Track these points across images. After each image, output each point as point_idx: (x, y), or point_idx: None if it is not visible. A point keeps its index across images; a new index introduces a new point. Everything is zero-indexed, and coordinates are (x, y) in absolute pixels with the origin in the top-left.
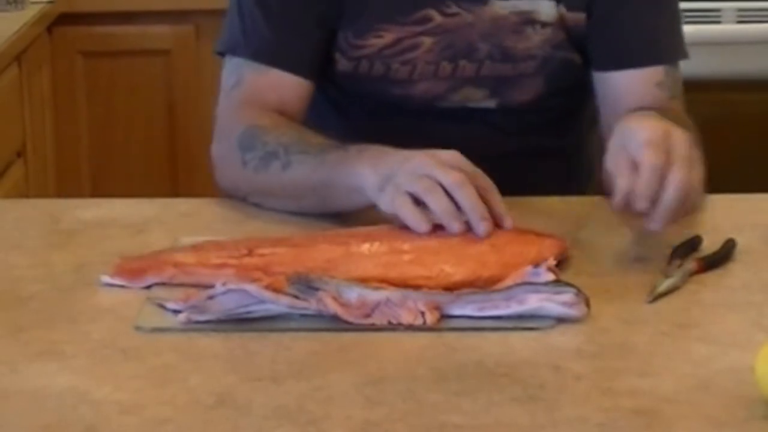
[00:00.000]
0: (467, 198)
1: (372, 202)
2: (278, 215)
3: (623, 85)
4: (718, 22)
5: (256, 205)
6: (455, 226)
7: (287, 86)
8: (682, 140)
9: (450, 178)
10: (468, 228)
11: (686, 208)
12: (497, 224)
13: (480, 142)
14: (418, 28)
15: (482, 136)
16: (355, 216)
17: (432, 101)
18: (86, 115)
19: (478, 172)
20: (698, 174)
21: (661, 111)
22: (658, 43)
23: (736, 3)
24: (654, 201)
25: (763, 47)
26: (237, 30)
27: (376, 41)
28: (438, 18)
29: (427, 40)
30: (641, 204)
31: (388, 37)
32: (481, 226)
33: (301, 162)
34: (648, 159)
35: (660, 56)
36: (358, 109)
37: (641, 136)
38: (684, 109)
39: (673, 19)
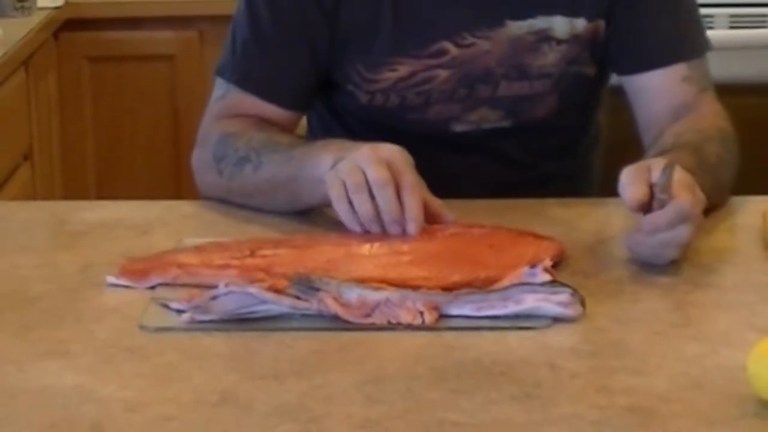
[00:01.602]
0: (383, 199)
1: None
2: (279, 217)
3: (651, 86)
4: (711, 28)
5: (256, 208)
6: (374, 228)
7: (269, 114)
8: (701, 199)
9: (374, 176)
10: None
11: (669, 256)
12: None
13: (490, 171)
14: (434, 62)
15: (492, 165)
16: None
17: (446, 122)
18: (92, 118)
19: (407, 171)
20: (695, 236)
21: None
22: (678, 40)
23: (729, 9)
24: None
25: (756, 52)
26: (229, 53)
27: (391, 75)
28: (453, 50)
29: (443, 73)
30: (647, 228)
31: (402, 70)
32: (392, 229)
33: (271, 161)
34: (684, 200)
35: (681, 53)
36: (372, 135)
37: (677, 175)
38: (716, 100)
39: (692, 15)
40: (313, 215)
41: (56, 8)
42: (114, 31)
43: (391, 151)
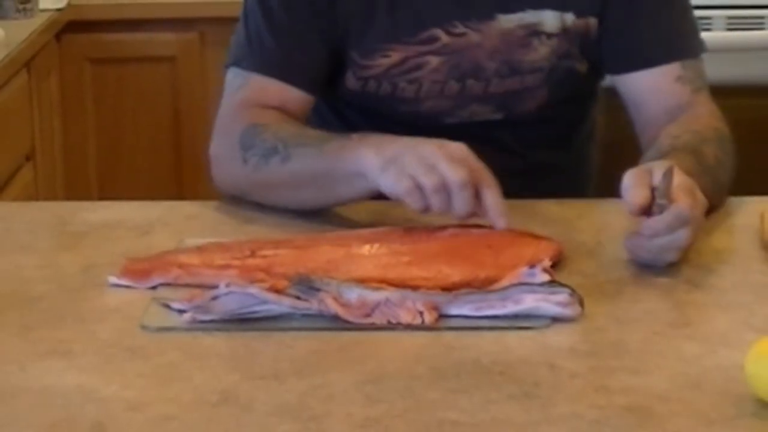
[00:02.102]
0: (461, 201)
1: (373, 188)
2: (280, 218)
3: (644, 85)
4: (709, 30)
5: (258, 207)
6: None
7: (289, 97)
8: (701, 202)
9: (454, 177)
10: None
11: (668, 259)
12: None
13: (484, 161)
14: (424, 48)
15: (487, 154)
16: (355, 219)
17: (439, 117)
18: (94, 119)
19: (482, 169)
20: (694, 239)
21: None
22: (671, 40)
23: (727, 11)
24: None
25: (753, 54)
26: (243, 43)
27: (383, 61)
28: (444, 38)
29: (434, 60)
30: (646, 233)
31: (394, 56)
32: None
33: (300, 154)
34: (683, 204)
35: (675, 52)
36: (367, 125)
37: (676, 177)
38: (710, 100)
39: (685, 15)
40: (314, 216)
41: (58, 10)
42: (115, 32)
43: (459, 148)
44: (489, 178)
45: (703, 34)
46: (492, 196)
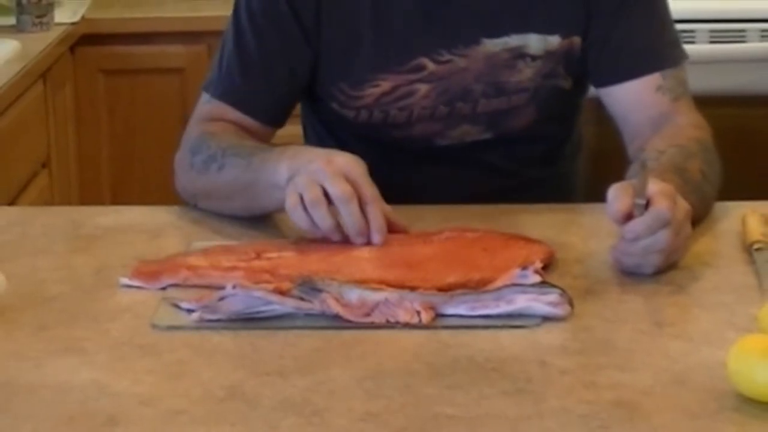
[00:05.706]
0: (349, 215)
1: None
2: (283, 221)
3: (626, 97)
4: (693, 42)
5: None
6: (335, 237)
7: (247, 125)
8: (683, 207)
9: (336, 192)
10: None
11: (653, 262)
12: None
13: (476, 180)
14: (413, 77)
15: (478, 174)
16: None
17: (431, 138)
18: (107, 128)
19: (365, 183)
20: (683, 240)
21: (681, 174)
22: (650, 51)
23: (709, 24)
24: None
25: (735, 66)
26: (216, 68)
27: (373, 90)
28: (431, 66)
29: (423, 87)
30: (628, 236)
31: (384, 85)
32: (358, 240)
33: (232, 165)
34: (660, 206)
35: (653, 63)
36: (361, 147)
37: (656, 186)
38: (692, 107)
39: (664, 26)
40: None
41: (73, 24)
42: (127, 45)
43: (347, 162)
44: (370, 193)
45: (687, 47)
46: (371, 210)
